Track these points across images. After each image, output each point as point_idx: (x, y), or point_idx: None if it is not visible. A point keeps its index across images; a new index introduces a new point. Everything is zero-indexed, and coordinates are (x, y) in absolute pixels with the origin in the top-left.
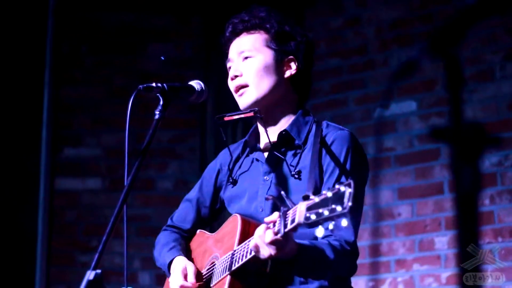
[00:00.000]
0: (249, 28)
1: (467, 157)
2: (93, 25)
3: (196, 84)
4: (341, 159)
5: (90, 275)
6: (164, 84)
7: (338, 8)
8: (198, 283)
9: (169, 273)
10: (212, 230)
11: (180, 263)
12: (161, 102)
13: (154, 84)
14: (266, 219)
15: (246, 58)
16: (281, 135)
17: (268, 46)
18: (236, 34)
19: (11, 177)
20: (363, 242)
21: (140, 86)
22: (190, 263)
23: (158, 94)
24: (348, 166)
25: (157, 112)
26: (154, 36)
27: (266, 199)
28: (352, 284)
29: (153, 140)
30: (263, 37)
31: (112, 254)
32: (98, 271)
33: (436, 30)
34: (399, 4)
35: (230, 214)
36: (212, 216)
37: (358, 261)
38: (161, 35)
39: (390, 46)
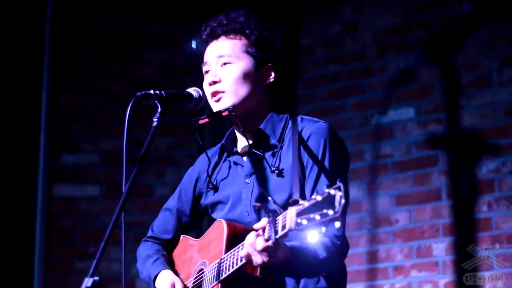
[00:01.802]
0: (228, 32)
1: (464, 163)
2: (91, 32)
3: (194, 91)
4: (320, 153)
5: (88, 282)
6: (162, 92)
7: (336, 14)
8: None
9: (154, 287)
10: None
11: (167, 279)
12: (159, 109)
13: (152, 92)
14: (255, 226)
15: (225, 63)
16: (256, 133)
17: (248, 53)
18: (214, 37)
19: (9, 183)
20: (361, 248)
21: (138, 93)
22: (178, 278)
23: (156, 101)
24: (327, 159)
25: (155, 119)
26: (151, 42)
27: (254, 206)
28: None
29: (151, 146)
30: (243, 42)
31: (110, 261)
32: (96, 278)
33: (433, 37)
34: (396, 11)
35: (213, 220)
36: (193, 224)
37: (356, 268)
38: (159, 41)
39: (388, 53)
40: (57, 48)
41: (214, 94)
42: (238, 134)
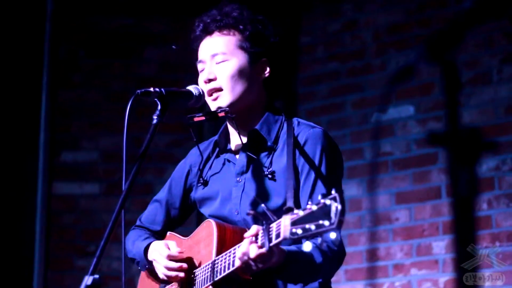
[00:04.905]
0: (222, 27)
1: (464, 161)
2: (91, 29)
3: (194, 88)
4: (316, 160)
5: (88, 280)
6: (162, 89)
7: (336, 12)
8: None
9: (146, 259)
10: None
11: (158, 243)
12: (159, 107)
13: (152, 89)
14: (246, 235)
15: (219, 61)
16: (251, 134)
17: (242, 48)
18: (208, 33)
19: (9, 181)
20: (361, 246)
21: (138, 91)
22: (170, 241)
23: (156, 99)
24: (323, 166)
25: (155, 117)
26: (151, 40)
27: (248, 214)
28: None
29: (151, 144)
30: (237, 38)
31: (110, 259)
32: (96, 276)
33: (433, 34)
34: (396, 8)
35: (201, 214)
36: (182, 217)
37: (356, 266)
38: (158, 39)
39: (387, 50)
40: (57, 46)
41: (211, 92)
42: (231, 131)
